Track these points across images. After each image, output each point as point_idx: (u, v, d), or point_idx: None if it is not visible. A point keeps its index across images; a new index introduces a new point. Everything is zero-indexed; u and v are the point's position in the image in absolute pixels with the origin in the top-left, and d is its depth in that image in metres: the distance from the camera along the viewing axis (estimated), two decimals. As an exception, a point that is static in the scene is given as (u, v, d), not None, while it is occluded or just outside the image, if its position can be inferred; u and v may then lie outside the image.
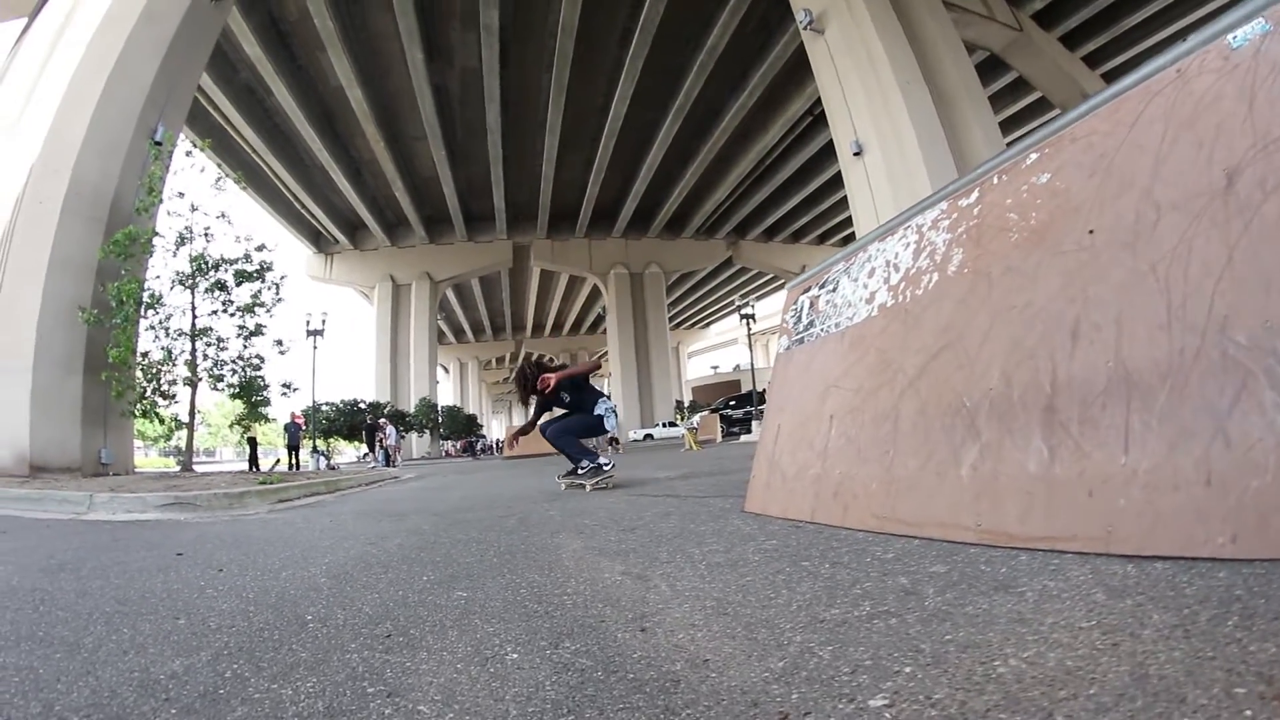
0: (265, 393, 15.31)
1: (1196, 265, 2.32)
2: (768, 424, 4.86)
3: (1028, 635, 1.71)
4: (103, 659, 2.20)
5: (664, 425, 52.54)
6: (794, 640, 1.91)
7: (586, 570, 3.17)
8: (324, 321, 34.71)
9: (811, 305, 4.69)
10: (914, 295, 3.58)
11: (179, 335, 14.22)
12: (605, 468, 7.74)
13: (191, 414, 14.62)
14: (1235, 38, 2.39)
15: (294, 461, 27.95)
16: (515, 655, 2.00)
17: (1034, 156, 3.11)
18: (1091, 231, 2.71)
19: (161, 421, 14.61)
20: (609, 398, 8.50)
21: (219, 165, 15.97)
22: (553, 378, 7.63)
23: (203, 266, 14.42)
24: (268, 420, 16.33)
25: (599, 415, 7.95)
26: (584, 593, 2.72)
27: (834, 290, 4.44)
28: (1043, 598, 2.00)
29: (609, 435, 29.66)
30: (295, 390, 16.85)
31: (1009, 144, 4.00)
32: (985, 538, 2.74)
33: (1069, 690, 1.36)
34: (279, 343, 15.64)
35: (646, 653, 1.94)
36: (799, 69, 29.10)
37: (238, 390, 14.83)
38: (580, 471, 7.83)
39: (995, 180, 3.29)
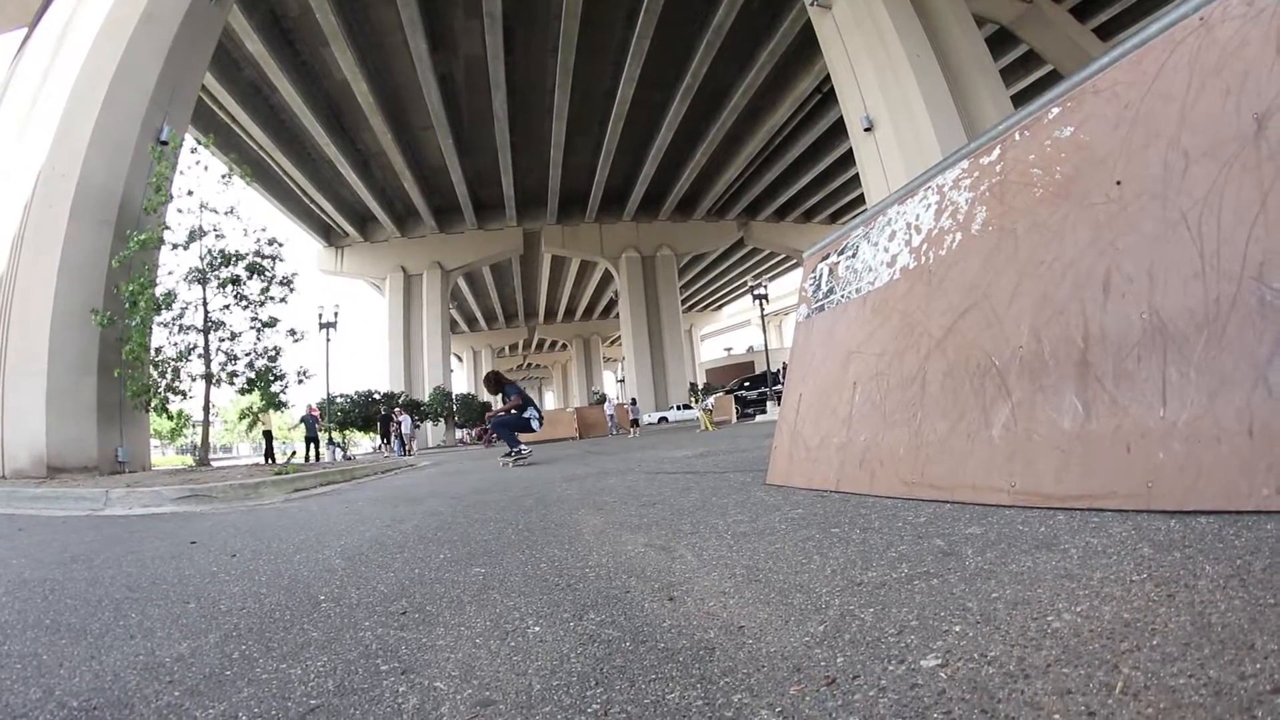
0: (281, 382, 15.31)
1: (1229, 212, 2.26)
2: (789, 394, 4.78)
3: (1078, 590, 1.65)
4: (108, 644, 2.16)
5: (678, 408, 52.44)
6: (832, 604, 1.85)
7: (608, 544, 3.12)
8: (336, 315, 34.71)
9: (831, 272, 4.60)
10: (937, 256, 3.50)
11: (191, 330, 14.24)
12: (524, 453, 11.61)
13: (206, 409, 14.64)
14: None
15: (314, 454, 28.00)
16: (537, 629, 1.94)
17: (1056, 110, 3.03)
18: (1119, 183, 2.65)
19: (171, 417, 14.65)
20: (537, 408, 12.61)
21: (227, 164, 15.86)
22: (504, 407, 12.62)
23: (213, 262, 14.44)
24: (287, 407, 16.27)
25: (525, 418, 12.21)
26: (607, 565, 2.66)
27: (854, 256, 4.35)
28: (1088, 554, 1.94)
29: (631, 418, 29.73)
30: (311, 376, 16.83)
31: None
32: (1020, 499, 2.68)
33: (1131, 642, 1.30)
34: (293, 332, 15.65)
35: (676, 621, 1.87)
36: (807, 46, 28.85)
37: (250, 384, 14.83)
38: (510, 453, 11.64)
39: (1017, 136, 3.21)
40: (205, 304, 14.46)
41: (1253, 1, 2.34)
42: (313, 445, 27.64)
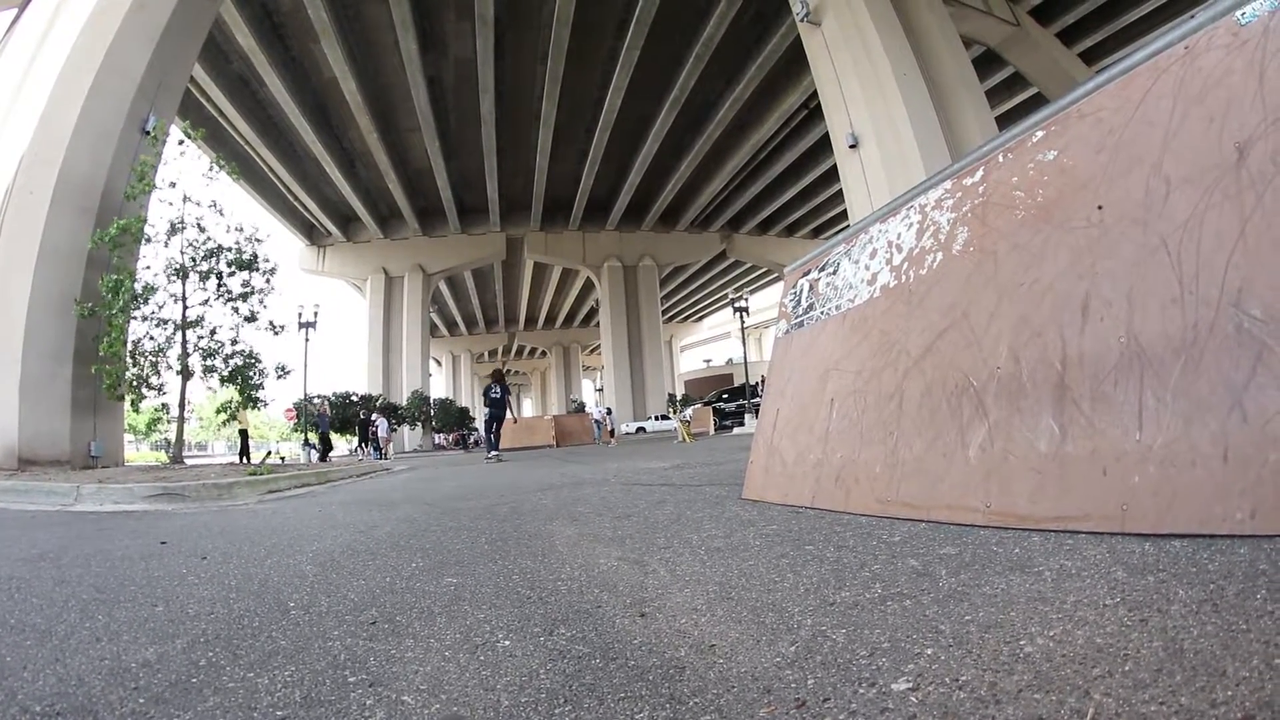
0: (259, 379, 15.23)
1: (1209, 238, 2.29)
2: (766, 409, 4.79)
3: (1051, 614, 1.66)
4: (73, 647, 2.13)
5: (656, 419, 52.44)
6: (804, 624, 1.84)
7: (581, 556, 3.10)
8: (316, 314, 34.53)
9: (811, 288, 4.61)
10: (917, 275, 3.52)
11: (169, 325, 14.14)
12: (500, 458, 14.40)
13: (182, 406, 14.52)
14: (1244, 14, 2.38)
15: (324, 451, 27.89)
16: (507, 642, 1.93)
17: (1040, 134, 3.06)
18: (1100, 207, 2.68)
19: (138, 411, 14.56)
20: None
21: (213, 159, 15.79)
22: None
23: (194, 257, 14.35)
24: (265, 405, 16.17)
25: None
26: (579, 579, 2.65)
27: (834, 273, 4.36)
28: (1061, 576, 1.95)
29: (608, 428, 29.72)
30: (290, 372, 16.74)
31: None
32: (995, 519, 2.69)
33: (1103, 667, 1.30)
34: (272, 324, 15.55)
35: (647, 639, 1.86)
36: (795, 62, 28.96)
37: (227, 378, 14.75)
38: (490, 455, 14.96)
39: (1001, 158, 3.23)
40: (184, 298, 14.35)
41: (1237, 32, 2.39)
42: (324, 443, 27.49)
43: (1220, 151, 2.32)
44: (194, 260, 14.35)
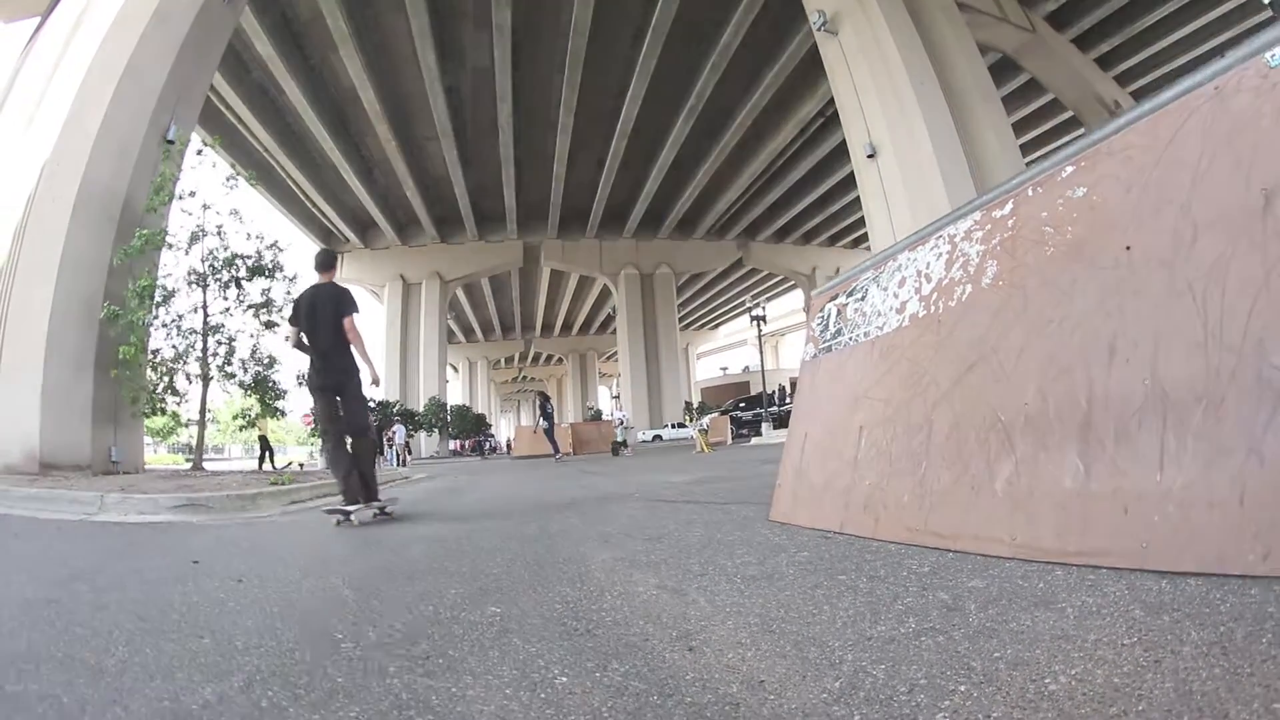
0: (278, 388, 15.36)
1: (1234, 285, 2.32)
2: (794, 433, 4.84)
3: (1073, 652, 1.74)
4: (129, 685, 2.09)
5: (673, 426, 52.39)
6: (845, 659, 1.91)
7: (619, 583, 3.16)
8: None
9: (839, 313, 4.66)
10: (947, 306, 3.57)
11: (190, 334, 14.26)
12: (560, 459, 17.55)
13: (202, 412, 14.65)
14: (1274, 56, 2.37)
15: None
16: (564, 679, 1.97)
17: (1070, 169, 3.08)
18: (1129, 248, 2.70)
19: (163, 414, 14.65)
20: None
21: (231, 165, 15.94)
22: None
23: (215, 265, 14.47)
24: (284, 415, 16.32)
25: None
26: (621, 608, 2.70)
27: (862, 299, 4.42)
28: (1083, 614, 2.02)
29: (622, 440, 29.66)
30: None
31: (1021, 146, 3.96)
32: (1020, 552, 2.74)
33: (1119, 707, 1.40)
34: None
35: (699, 674, 1.92)
36: (812, 70, 28.92)
37: (249, 386, 14.88)
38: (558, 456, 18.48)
39: (1030, 192, 3.27)
40: (205, 306, 14.48)
41: (1266, 74, 2.39)
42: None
43: (1247, 197, 2.33)
44: (214, 268, 14.47)
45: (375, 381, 6.93)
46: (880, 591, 2.56)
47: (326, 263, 7.10)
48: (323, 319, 6.64)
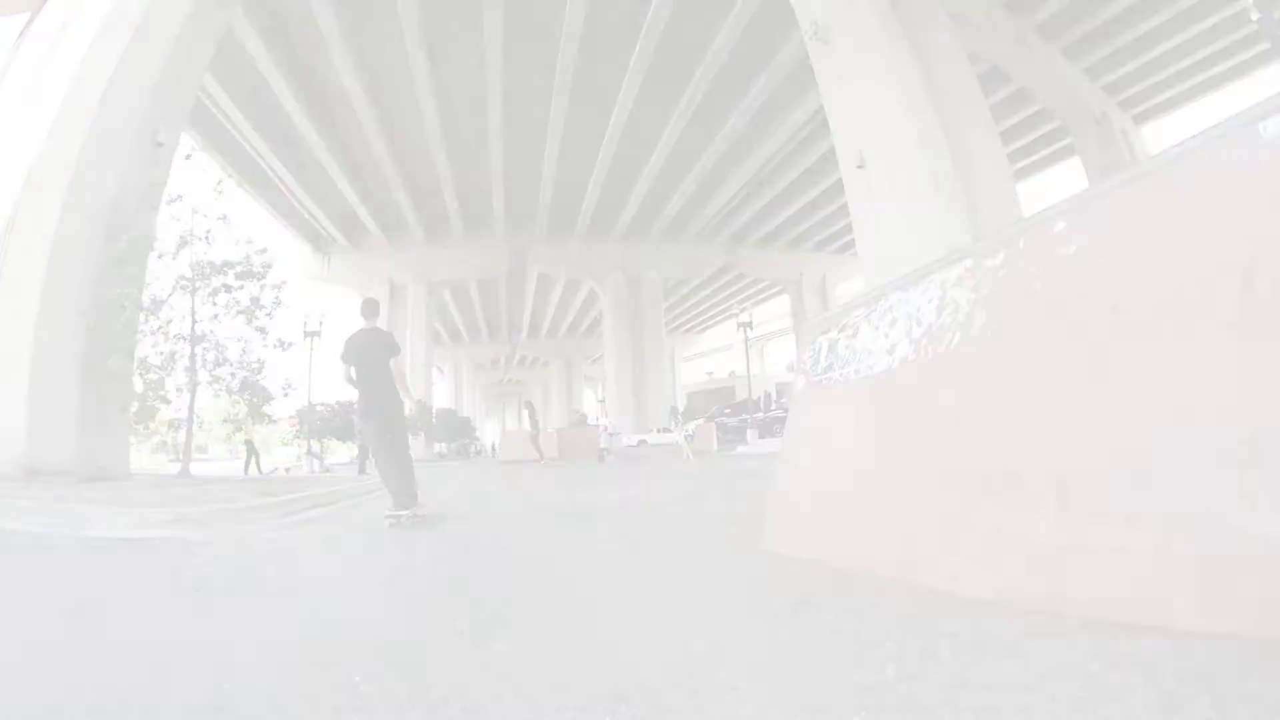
0: (264, 394, 15.36)
1: (1214, 358, 2.39)
2: (785, 459, 4.91)
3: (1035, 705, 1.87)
4: None
5: (658, 431, 52.33)
6: (845, 707, 1.98)
7: (622, 618, 3.20)
8: (321, 323, 34.52)
9: (831, 348, 4.70)
10: (935, 353, 3.61)
11: (178, 340, 14.23)
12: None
13: (190, 420, 14.62)
14: (1266, 127, 2.39)
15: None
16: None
17: (1061, 225, 3.12)
18: (1116, 309, 2.75)
19: (153, 419, 14.64)
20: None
21: (221, 168, 15.92)
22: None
23: (204, 272, 14.45)
24: (272, 421, 16.32)
25: None
26: (626, 646, 2.74)
27: (854, 336, 4.46)
28: (1048, 668, 2.13)
29: (606, 447, 29.50)
30: (295, 390, 16.86)
31: (1009, 154, 3.99)
32: (998, 596, 2.83)
33: None
34: (280, 342, 15.70)
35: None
36: (803, 77, 29.03)
37: (237, 388, 14.89)
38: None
39: (1021, 244, 3.32)
40: (193, 313, 14.45)
41: (1258, 146, 2.41)
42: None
43: (1233, 269, 2.37)
44: (202, 274, 14.45)
45: (415, 406, 8.77)
46: (865, 634, 2.63)
47: (372, 311, 8.33)
48: (372, 359, 7.73)
